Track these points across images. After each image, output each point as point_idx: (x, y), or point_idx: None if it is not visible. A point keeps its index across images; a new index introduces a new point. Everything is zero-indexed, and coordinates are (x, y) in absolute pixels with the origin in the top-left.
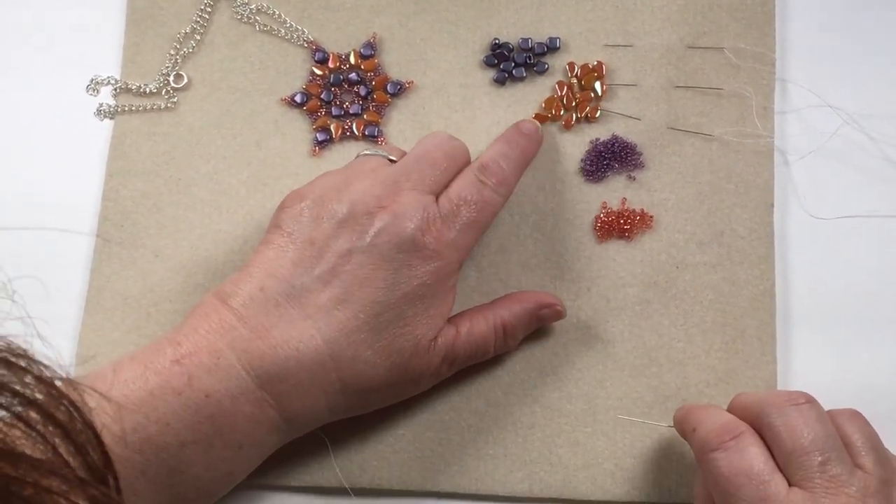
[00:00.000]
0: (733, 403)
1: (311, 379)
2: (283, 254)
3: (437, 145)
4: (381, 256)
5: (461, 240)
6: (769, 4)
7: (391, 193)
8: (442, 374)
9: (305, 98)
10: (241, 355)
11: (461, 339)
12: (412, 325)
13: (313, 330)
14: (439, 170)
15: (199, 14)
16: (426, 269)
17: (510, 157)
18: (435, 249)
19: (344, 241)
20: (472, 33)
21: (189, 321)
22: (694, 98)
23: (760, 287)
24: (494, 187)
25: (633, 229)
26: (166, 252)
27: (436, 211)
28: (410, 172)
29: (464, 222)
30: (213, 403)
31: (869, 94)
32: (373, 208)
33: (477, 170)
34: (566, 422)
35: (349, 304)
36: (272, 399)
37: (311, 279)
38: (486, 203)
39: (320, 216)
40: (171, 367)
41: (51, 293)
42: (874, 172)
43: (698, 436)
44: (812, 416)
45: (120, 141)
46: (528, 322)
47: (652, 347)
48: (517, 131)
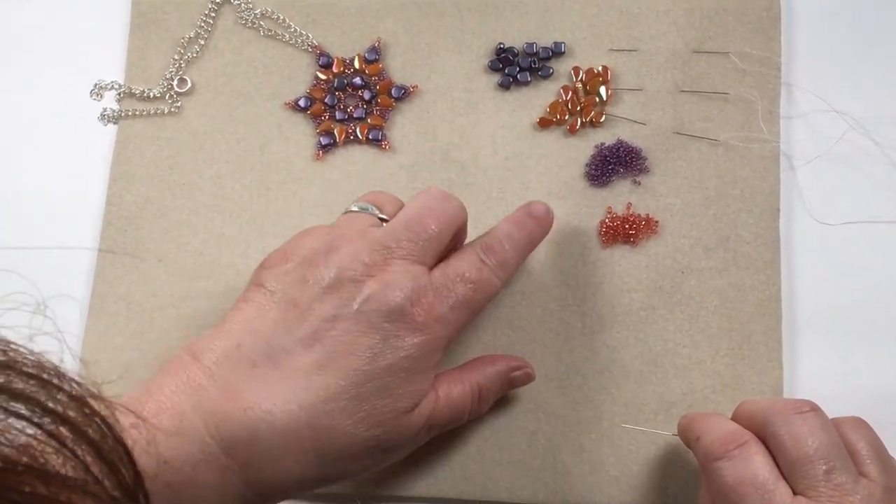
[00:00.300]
0: (737, 412)
1: (284, 445)
2: (264, 312)
3: (431, 209)
4: (368, 324)
5: (452, 316)
6: (775, 9)
7: (381, 261)
8: (420, 440)
9: (309, 102)
10: (207, 417)
11: (441, 404)
12: (394, 397)
13: (290, 394)
14: (431, 238)
15: (202, 19)
16: (413, 342)
17: (515, 239)
18: (423, 322)
19: (329, 306)
20: (476, 38)
21: (157, 378)
22: (699, 103)
23: (766, 292)
24: (494, 269)
25: (639, 234)
26: (170, 257)
27: (427, 283)
28: (401, 240)
29: (457, 300)
30: (171, 471)
31: (875, 99)
32: (360, 276)
33: (479, 248)
34: (571, 428)
35: (331, 370)
36: (238, 467)
37: (292, 341)
38: (483, 283)
39: (305, 278)
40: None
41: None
42: (880, 178)
43: (702, 444)
44: (816, 424)
45: (123, 145)
46: (501, 385)
47: (657, 353)
48: (527, 213)
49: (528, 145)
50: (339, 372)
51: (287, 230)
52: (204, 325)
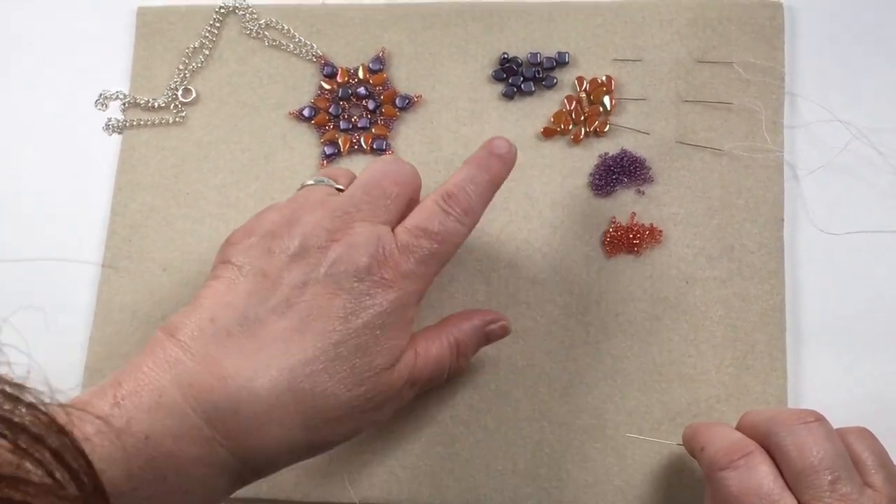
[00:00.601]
0: (742, 422)
1: (266, 412)
2: (234, 286)
3: (385, 173)
4: (337, 286)
5: (420, 270)
6: (778, 18)
7: (342, 226)
8: (404, 398)
9: (314, 112)
10: (186, 390)
11: (420, 360)
12: (371, 354)
13: (269, 360)
14: (390, 198)
15: (207, 29)
16: (384, 299)
17: (478, 182)
18: (392, 279)
19: (298, 273)
20: (480, 48)
21: (133, 360)
22: (703, 112)
23: (770, 302)
24: (458, 217)
25: (643, 244)
26: (174, 266)
27: (391, 241)
28: (360, 203)
29: (423, 254)
30: (153, 446)
31: (879, 109)
32: (325, 242)
33: (441, 197)
34: (575, 437)
35: (306, 334)
36: (222, 438)
37: (265, 310)
38: (448, 233)
39: (271, 249)
40: (109, 409)
41: (59, 307)
42: (884, 187)
43: (707, 455)
44: (821, 434)
45: (128, 155)
46: (478, 340)
47: (661, 363)
48: (488, 152)
49: (532, 155)
50: (314, 335)
51: None
52: None
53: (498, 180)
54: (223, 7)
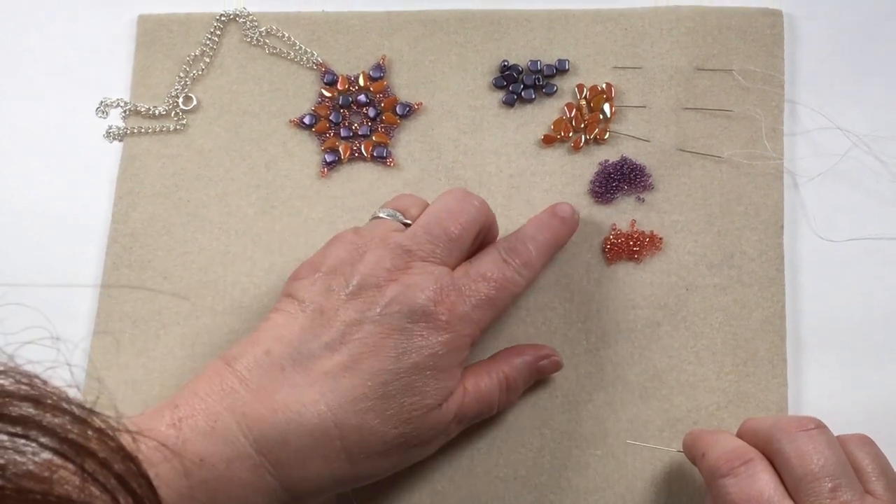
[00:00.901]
0: (743, 428)
1: (313, 445)
2: (292, 321)
3: (451, 211)
4: (391, 326)
5: (475, 315)
6: (778, 26)
7: (402, 265)
8: (451, 433)
9: (314, 120)
10: (240, 419)
11: (469, 397)
12: (420, 394)
13: (317, 395)
14: (451, 239)
15: (208, 37)
16: (437, 341)
17: (539, 240)
18: (447, 321)
19: (354, 310)
20: (480, 55)
21: (190, 384)
22: (703, 120)
23: (771, 309)
24: (517, 268)
25: (643, 251)
26: (175, 274)
27: (449, 282)
28: (422, 243)
29: (480, 298)
30: (207, 468)
31: (878, 117)
32: (383, 281)
33: (503, 249)
34: (576, 444)
35: (356, 371)
36: (271, 465)
37: (318, 346)
38: (506, 282)
39: (331, 287)
40: (166, 430)
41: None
42: (884, 195)
43: (708, 461)
44: (822, 441)
45: (129, 163)
46: (529, 375)
47: (662, 370)
48: (552, 214)
49: (532, 163)
50: (364, 373)
51: (292, 248)
52: (209, 342)
53: (558, 241)
54: (224, 15)
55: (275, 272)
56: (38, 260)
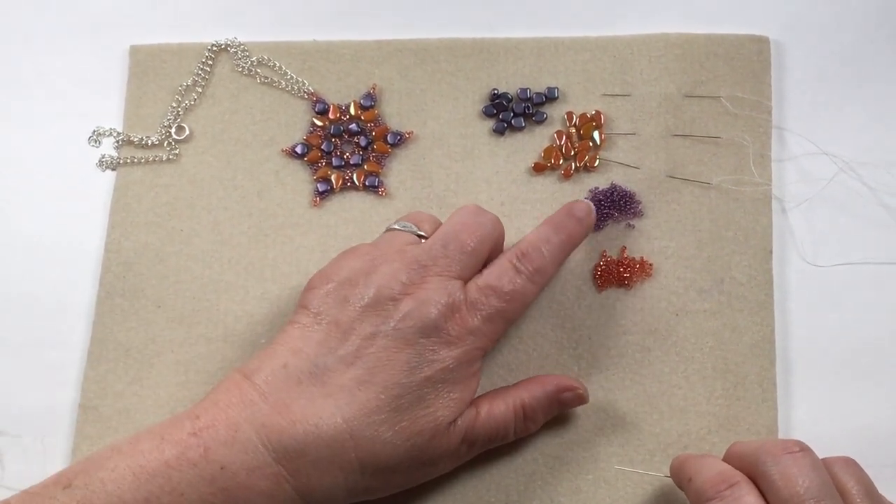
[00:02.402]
0: (729, 453)
1: (330, 456)
2: (308, 333)
3: (466, 225)
4: (403, 340)
5: (486, 328)
6: (765, 53)
7: (417, 279)
8: (461, 455)
9: (306, 149)
10: (259, 429)
11: (481, 420)
12: (433, 407)
13: (333, 408)
14: (466, 253)
15: (200, 67)
16: (448, 355)
17: (553, 242)
18: (457, 335)
19: (369, 324)
20: (471, 83)
21: (210, 395)
22: (692, 146)
23: (760, 334)
24: (530, 276)
25: (633, 277)
26: (168, 302)
27: (461, 297)
28: (437, 257)
29: (491, 311)
30: (228, 476)
31: (865, 142)
32: (398, 294)
33: (514, 255)
34: (567, 469)
35: (371, 385)
36: (289, 475)
37: (334, 359)
38: (517, 293)
39: (347, 299)
40: (187, 438)
41: (53, 344)
42: (871, 219)
43: (694, 486)
44: (807, 464)
45: (122, 192)
46: (549, 406)
47: (652, 395)
48: (568, 213)
49: (523, 190)
50: (378, 386)
51: (285, 276)
52: (203, 370)
53: (573, 242)
54: (215, 45)
55: (267, 300)
56: (31, 288)
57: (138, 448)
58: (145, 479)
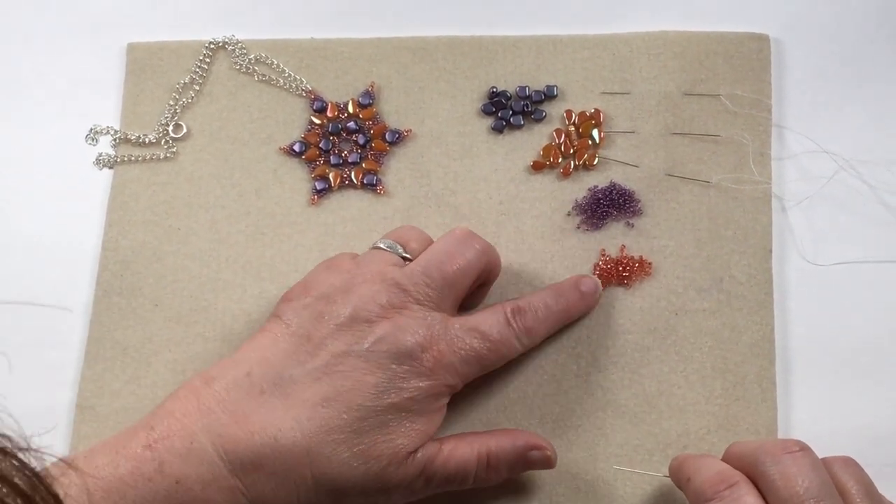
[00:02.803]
0: (728, 453)
1: (286, 471)
2: (277, 343)
3: (451, 255)
4: (375, 363)
5: (462, 368)
6: (765, 51)
7: (397, 303)
8: (416, 490)
9: (304, 147)
10: (215, 440)
11: (442, 457)
12: (394, 434)
13: (293, 422)
14: (447, 284)
15: (197, 65)
16: (418, 385)
17: (551, 308)
18: (430, 368)
19: (341, 342)
20: (469, 82)
21: (167, 403)
22: (691, 145)
23: (760, 333)
24: (519, 333)
25: (632, 276)
26: (166, 301)
27: (441, 331)
28: (418, 284)
29: (470, 354)
30: (183, 490)
31: (865, 140)
32: (375, 316)
33: (510, 309)
34: (566, 469)
35: (335, 403)
36: (245, 488)
37: (301, 372)
38: (501, 345)
39: (322, 314)
40: (142, 452)
41: (50, 343)
42: (871, 218)
43: (693, 486)
44: (806, 463)
45: (119, 190)
46: (515, 460)
47: (652, 394)
48: (574, 285)
49: (522, 189)
50: (342, 406)
51: (282, 275)
52: (200, 369)
53: (570, 314)
54: (213, 42)
55: (265, 299)
56: (28, 287)
57: (94, 462)
58: (100, 496)
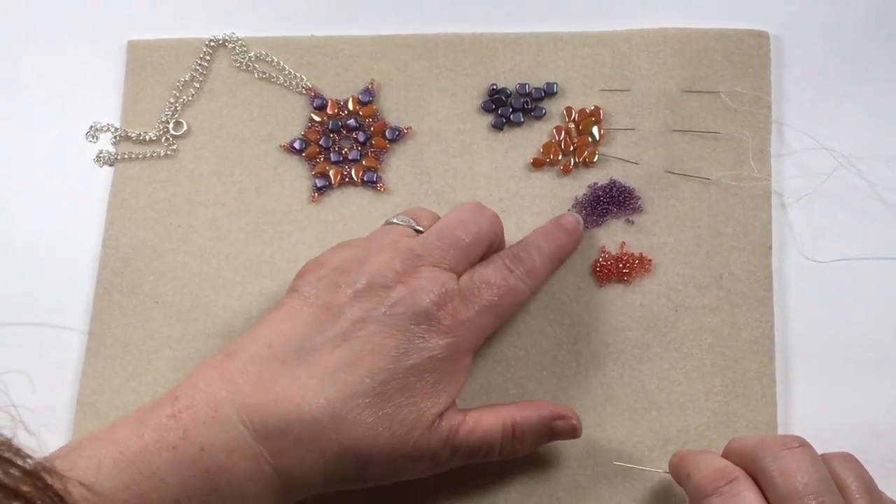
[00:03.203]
0: (728, 449)
1: (311, 437)
2: (296, 315)
3: (462, 221)
4: (394, 326)
5: (479, 321)
6: (765, 48)
7: (411, 269)
8: (442, 461)
9: (304, 144)
10: (239, 408)
11: (467, 426)
12: (417, 396)
13: (317, 388)
14: (462, 248)
15: (198, 62)
16: (438, 344)
17: (544, 249)
18: (449, 326)
19: (359, 309)
20: (469, 79)
21: (191, 376)
22: (691, 142)
23: (759, 330)
24: (521, 276)
25: (632, 273)
26: (166, 299)
27: (455, 288)
28: (432, 249)
29: (484, 304)
30: (208, 457)
31: (864, 137)
32: (390, 282)
33: (506, 257)
34: (566, 465)
35: (357, 368)
36: (269, 455)
37: (321, 340)
38: (510, 289)
39: (338, 284)
40: (167, 421)
41: (50, 341)
42: (870, 214)
43: (693, 481)
44: (806, 459)
45: (119, 188)
46: (541, 430)
47: (652, 391)
48: (556, 225)
49: (522, 186)
50: (364, 370)
51: (283, 272)
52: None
53: (562, 251)
54: (213, 40)
55: (265, 296)
56: (29, 284)
57: (118, 434)
58: (125, 465)
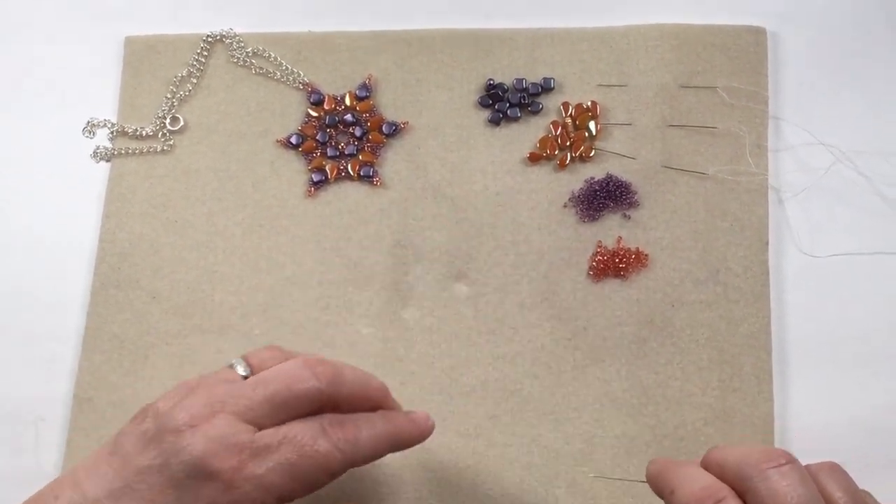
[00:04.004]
0: (708, 459)
1: None
2: (98, 463)
3: (290, 376)
4: (169, 480)
5: (268, 478)
6: (762, 44)
7: (208, 414)
8: None
9: (301, 139)
10: None
11: None
12: None
13: None
14: (276, 404)
15: (195, 58)
16: (213, 499)
17: (377, 426)
18: (230, 480)
19: (144, 457)
20: (466, 74)
21: None
22: (688, 137)
23: (756, 325)
24: (337, 441)
25: (629, 268)
26: (163, 294)
27: (247, 440)
28: (240, 398)
29: (279, 462)
30: None
31: (861, 132)
32: (182, 426)
33: (329, 420)
34: (563, 462)
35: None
36: None
37: (105, 493)
38: (315, 452)
39: (143, 429)
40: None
41: (47, 336)
42: (867, 209)
43: (677, 499)
44: (795, 478)
45: (116, 183)
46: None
47: (648, 386)
48: (406, 415)
49: (518, 180)
50: None
51: (279, 267)
52: (197, 361)
53: (398, 438)
54: (210, 36)
55: (262, 291)
56: (26, 280)
57: None
58: None
